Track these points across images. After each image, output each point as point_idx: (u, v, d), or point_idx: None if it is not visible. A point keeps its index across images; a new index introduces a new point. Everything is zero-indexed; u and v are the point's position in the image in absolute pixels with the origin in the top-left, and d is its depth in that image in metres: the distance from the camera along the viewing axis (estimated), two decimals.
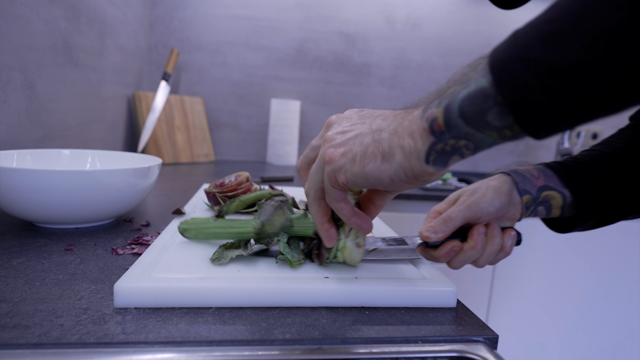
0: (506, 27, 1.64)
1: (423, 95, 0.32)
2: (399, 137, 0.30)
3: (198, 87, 1.54)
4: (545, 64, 0.23)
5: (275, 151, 1.50)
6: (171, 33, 1.49)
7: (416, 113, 0.30)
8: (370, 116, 0.35)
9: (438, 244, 0.42)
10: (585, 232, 1.26)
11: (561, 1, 0.23)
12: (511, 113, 0.24)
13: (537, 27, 0.24)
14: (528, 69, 0.23)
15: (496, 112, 0.25)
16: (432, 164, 0.30)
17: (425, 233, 0.41)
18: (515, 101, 0.24)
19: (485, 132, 0.27)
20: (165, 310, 0.34)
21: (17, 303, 0.34)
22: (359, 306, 0.37)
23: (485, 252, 0.43)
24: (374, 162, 0.31)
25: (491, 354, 0.32)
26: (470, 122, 0.26)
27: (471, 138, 0.27)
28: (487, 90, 0.25)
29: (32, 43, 0.76)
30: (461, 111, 0.26)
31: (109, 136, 1.17)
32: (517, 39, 0.24)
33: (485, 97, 0.25)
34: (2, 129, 0.69)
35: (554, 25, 0.23)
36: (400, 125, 0.31)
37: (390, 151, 0.30)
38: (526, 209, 0.46)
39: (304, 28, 1.56)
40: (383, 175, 0.31)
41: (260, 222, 0.42)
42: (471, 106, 0.26)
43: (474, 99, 0.26)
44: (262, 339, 0.31)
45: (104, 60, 1.09)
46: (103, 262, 0.44)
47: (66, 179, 0.49)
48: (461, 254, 0.42)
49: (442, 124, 0.28)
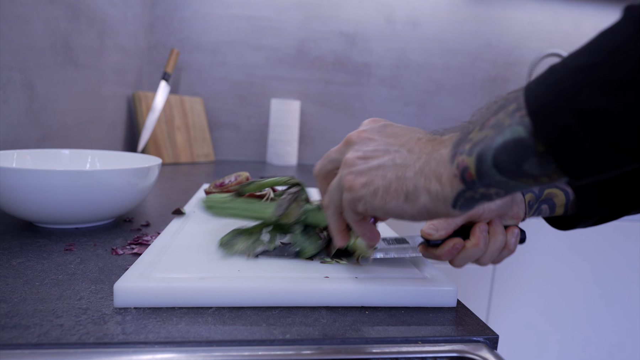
0: (506, 27, 1.64)
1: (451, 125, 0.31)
2: (425, 179, 0.29)
3: (198, 87, 1.54)
4: (597, 113, 0.21)
5: (275, 151, 1.50)
6: (171, 33, 1.49)
7: (443, 152, 0.29)
8: (395, 142, 0.33)
9: (440, 242, 0.42)
10: (586, 233, 1.26)
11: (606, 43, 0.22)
12: (555, 162, 0.23)
13: (584, 71, 0.22)
14: (577, 119, 0.22)
15: (535, 161, 0.24)
16: (458, 209, 0.29)
17: (427, 230, 0.41)
18: (560, 151, 0.23)
19: (520, 179, 0.25)
20: (165, 310, 0.34)
21: (16, 303, 0.34)
22: (359, 306, 0.37)
23: (488, 250, 0.42)
24: (396, 201, 0.30)
25: (491, 354, 0.32)
26: (505, 172, 0.25)
27: (503, 186, 0.26)
28: (525, 141, 0.24)
29: (32, 43, 0.76)
30: (495, 161, 0.25)
31: (109, 136, 1.17)
32: (559, 83, 0.23)
33: (524, 148, 0.24)
34: (2, 129, 0.69)
35: (606, 70, 0.21)
36: (427, 165, 0.30)
37: (415, 193, 0.30)
38: (529, 208, 0.46)
39: (304, 28, 1.56)
40: (405, 213, 0.31)
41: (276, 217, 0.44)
42: (507, 156, 0.25)
43: (511, 149, 0.25)
44: (262, 339, 0.31)
45: (104, 60, 1.09)
46: (103, 262, 0.44)
47: (66, 179, 0.49)
48: (463, 251, 0.42)
49: (474, 174, 0.26)
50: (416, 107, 1.65)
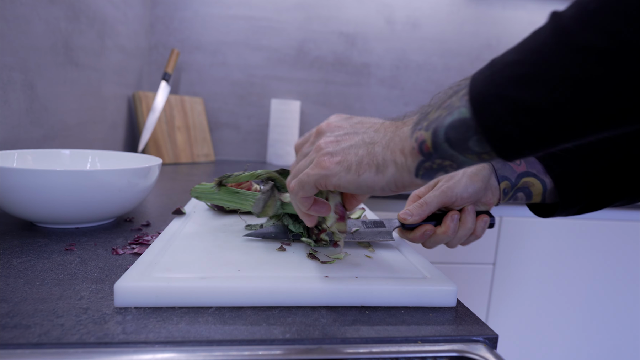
0: (506, 27, 1.65)
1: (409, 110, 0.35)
2: (391, 152, 0.33)
3: (198, 87, 1.54)
4: (517, 103, 0.25)
5: (275, 151, 1.50)
6: (171, 33, 1.49)
7: (405, 130, 0.33)
8: (362, 127, 0.37)
9: (414, 226, 0.46)
10: (586, 233, 1.26)
11: (531, 44, 0.26)
12: (486, 140, 0.27)
13: (511, 66, 0.26)
14: (503, 106, 0.26)
15: (476, 139, 0.28)
16: (420, 178, 0.33)
17: (403, 215, 0.46)
18: (491, 133, 0.27)
19: (467, 155, 0.30)
20: (165, 310, 0.34)
21: (17, 303, 0.34)
22: (359, 306, 0.37)
23: (457, 236, 0.47)
24: (368, 173, 0.34)
25: (491, 353, 0.32)
26: (455, 146, 0.29)
27: (455, 159, 0.31)
28: (468, 121, 0.28)
29: (33, 43, 0.76)
30: (447, 137, 0.29)
31: (109, 136, 1.17)
32: (493, 74, 0.27)
33: (467, 127, 0.28)
34: (3, 129, 0.69)
35: (526, 68, 0.25)
36: (392, 141, 0.34)
37: (384, 164, 0.33)
38: (504, 195, 0.49)
39: (304, 28, 1.56)
40: (376, 184, 0.34)
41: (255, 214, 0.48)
42: (455, 133, 0.29)
43: (458, 127, 0.29)
44: (262, 339, 0.31)
45: (104, 60, 1.09)
46: (103, 262, 0.44)
47: (66, 179, 0.49)
48: (434, 236, 0.47)
49: (430, 147, 0.31)
50: (416, 107, 1.65)
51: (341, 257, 0.44)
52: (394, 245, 0.50)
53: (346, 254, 0.46)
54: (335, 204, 0.40)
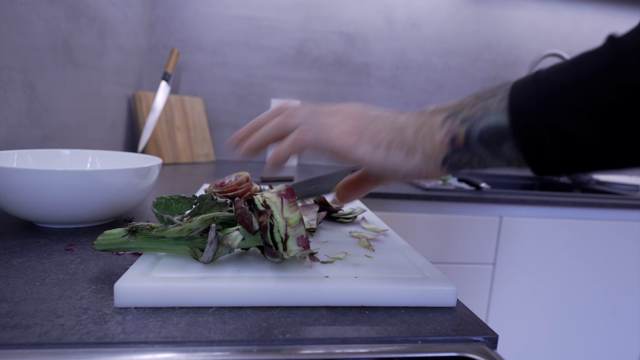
0: (506, 27, 1.65)
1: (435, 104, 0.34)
2: (422, 139, 0.33)
3: (198, 87, 1.54)
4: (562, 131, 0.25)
5: None
6: (171, 33, 1.49)
7: (436, 120, 0.33)
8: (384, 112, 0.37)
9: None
10: (586, 233, 1.26)
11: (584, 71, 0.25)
12: (522, 155, 0.28)
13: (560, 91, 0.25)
14: (546, 130, 0.26)
15: (511, 146, 0.28)
16: (445, 169, 0.33)
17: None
18: (530, 154, 0.27)
19: (497, 158, 0.30)
20: (165, 310, 0.34)
21: (17, 303, 0.34)
22: (359, 306, 0.37)
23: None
24: (398, 155, 0.34)
25: (491, 353, 0.32)
26: (487, 146, 0.30)
27: (484, 158, 0.31)
28: (505, 130, 0.28)
29: (33, 43, 0.76)
30: (481, 136, 0.30)
31: (109, 136, 1.17)
32: (539, 93, 0.26)
33: (504, 133, 0.28)
34: (3, 129, 0.69)
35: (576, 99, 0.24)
36: (422, 128, 0.33)
37: (414, 149, 0.33)
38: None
39: (304, 28, 1.56)
40: (401, 168, 0.34)
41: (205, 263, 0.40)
42: (490, 135, 0.29)
43: (494, 130, 0.29)
44: (262, 339, 0.31)
45: (104, 60, 1.09)
46: (103, 262, 0.44)
47: (66, 179, 0.49)
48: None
49: (462, 143, 0.31)
50: (416, 107, 1.65)
51: (341, 257, 0.44)
52: (394, 246, 0.50)
53: (346, 254, 0.46)
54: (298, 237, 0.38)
